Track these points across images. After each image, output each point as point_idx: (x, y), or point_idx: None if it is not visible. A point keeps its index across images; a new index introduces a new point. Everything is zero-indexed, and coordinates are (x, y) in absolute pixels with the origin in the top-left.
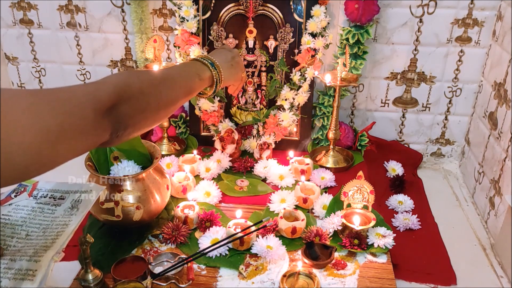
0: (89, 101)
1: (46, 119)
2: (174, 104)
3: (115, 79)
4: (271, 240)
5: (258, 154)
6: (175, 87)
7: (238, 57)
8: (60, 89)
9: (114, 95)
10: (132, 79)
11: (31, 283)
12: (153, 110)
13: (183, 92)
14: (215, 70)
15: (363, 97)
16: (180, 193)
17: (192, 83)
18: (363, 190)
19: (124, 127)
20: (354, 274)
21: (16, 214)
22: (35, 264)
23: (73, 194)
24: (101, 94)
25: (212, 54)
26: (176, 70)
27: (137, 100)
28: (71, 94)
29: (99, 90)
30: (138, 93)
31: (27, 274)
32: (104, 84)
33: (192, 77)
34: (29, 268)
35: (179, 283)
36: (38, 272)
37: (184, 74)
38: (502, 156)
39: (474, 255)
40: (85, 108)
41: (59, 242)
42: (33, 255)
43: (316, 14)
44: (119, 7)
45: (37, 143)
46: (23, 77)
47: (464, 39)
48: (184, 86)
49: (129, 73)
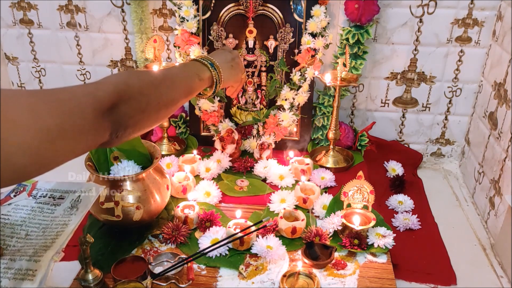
0: (89, 101)
1: (45, 119)
2: (174, 104)
3: (115, 79)
4: (271, 240)
5: (258, 154)
6: (175, 87)
7: (238, 58)
8: (60, 89)
9: (114, 95)
10: (132, 79)
11: (31, 283)
12: (153, 110)
13: (183, 92)
14: (215, 70)
15: (363, 97)
16: (180, 193)
17: (192, 83)
18: (363, 190)
19: (124, 127)
20: (354, 274)
21: (15, 214)
22: (35, 264)
23: (72, 194)
24: (101, 94)
25: (212, 55)
26: (176, 70)
27: (137, 100)
28: (71, 95)
29: (99, 90)
30: (138, 93)
31: (27, 274)
32: (104, 84)
33: (192, 77)
34: (29, 268)
35: (179, 283)
36: (38, 272)
37: (184, 74)
38: (502, 156)
39: (474, 255)
40: (85, 108)
41: (58, 242)
42: (33, 255)
43: (316, 14)
44: (119, 7)
45: (36, 143)
46: (23, 77)
47: (464, 39)
48: (184, 86)
49: (129, 73)
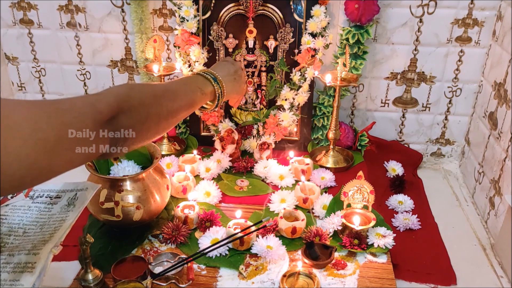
0: (89, 112)
1: (45, 130)
2: (175, 116)
3: (116, 90)
4: (271, 240)
5: (258, 154)
6: (176, 100)
7: (240, 71)
8: (61, 100)
9: (114, 105)
10: (133, 90)
11: (30, 274)
12: (154, 123)
13: (185, 105)
14: (218, 85)
15: (363, 97)
16: (180, 193)
17: (194, 96)
18: (363, 190)
19: (124, 139)
20: (354, 274)
21: (13, 214)
22: (34, 257)
23: (69, 193)
24: (101, 105)
25: (214, 68)
26: (178, 83)
27: (138, 111)
28: (71, 105)
29: (100, 101)
30: (138, 104)
31: (26, 266)
32: (105, 96)
33: (194, 91)
34: (28, 261)
35: (179, 283)
36: (37, 264)
37: (186, 88)
38: (502, 156)
39: (474, 255)
40: (84, 119)
41: (57, 235)
42: (31, 249)
43: (316, 14)
44: (119, 7)
45: (34, 154)
46: (23, 77)
47: (464, 39)
48: (185, 99)
49: (131, 85)
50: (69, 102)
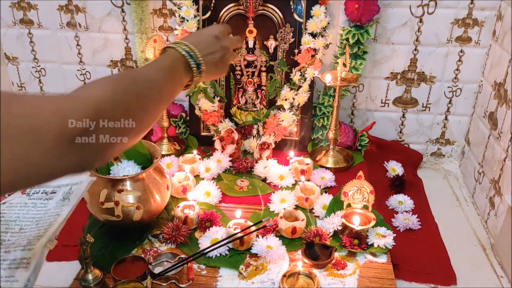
0: (54, 123)
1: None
2: (156, 116)
3: (96, 95)
4: (271, 240)
5: (258, 154)
6: (160, 100)
7: (228, 54)
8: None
9: (90, 113)
10: (117, 95)
11: (25, 270)
12: (134, 132)
13: (167, 102)
14: (199, 75)
15: (363, 97)
16: (180, 193)
17: (176, 93)
18: (363, 190)
19: (102, 151)
20: (354, 274)
21: (10, 211)
22: (29, 252)
23: (64, 187)
24: (73, 114)
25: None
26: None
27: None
28: (36, 111)
29: (72, 109)
30: (122, 115)
31: (21, 262)
32: (80, 100)
33: (177, 87)
34: (23, 257)
35: (179, 283)
36: (32, 259)
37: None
38: (502, 156)
39: (474, 255)
40: (46, 134)
41: (51, 230)
42: (26, 245)
43: (316, 14)
44: (119, 7)
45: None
46: (23, 77)
47: (464, 39)
48: (168, 97)
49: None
50: (34, 106)
